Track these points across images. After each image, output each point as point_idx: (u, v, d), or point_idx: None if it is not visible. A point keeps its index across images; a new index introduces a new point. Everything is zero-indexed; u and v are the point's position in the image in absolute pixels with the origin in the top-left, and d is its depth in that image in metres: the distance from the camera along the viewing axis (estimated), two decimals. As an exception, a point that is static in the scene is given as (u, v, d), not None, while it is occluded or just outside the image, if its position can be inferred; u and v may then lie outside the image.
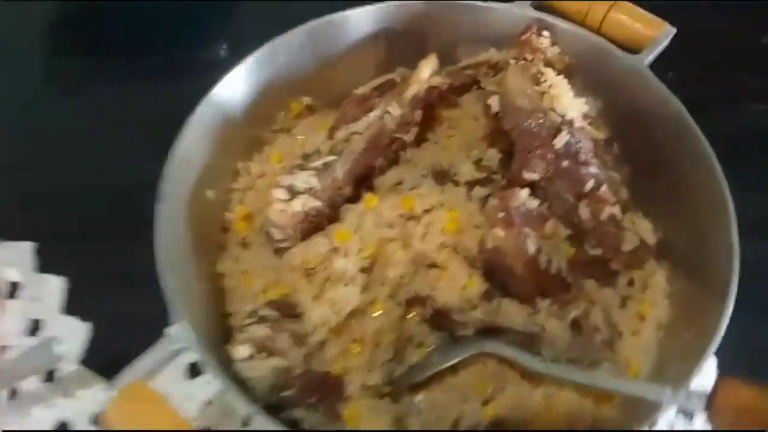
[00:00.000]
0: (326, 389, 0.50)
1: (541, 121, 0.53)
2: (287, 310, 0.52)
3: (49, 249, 0.67)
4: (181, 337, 0.45)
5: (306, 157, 0.58)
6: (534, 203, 0.53)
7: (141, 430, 0.39)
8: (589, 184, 0.53)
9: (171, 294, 0.46)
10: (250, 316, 0.50)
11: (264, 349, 0.48)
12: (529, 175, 0.53)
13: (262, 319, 0.50)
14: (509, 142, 0.57)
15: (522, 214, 0.52)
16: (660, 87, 0.58)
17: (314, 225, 0.55)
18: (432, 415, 0.54)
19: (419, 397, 0.55)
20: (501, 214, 0.51)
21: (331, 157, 0.56)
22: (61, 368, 0.60)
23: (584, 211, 0.53)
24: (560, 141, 0.52)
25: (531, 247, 0.51)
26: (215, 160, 0.59)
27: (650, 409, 0.45)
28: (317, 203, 0.54)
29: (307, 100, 0.67)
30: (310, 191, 0.54)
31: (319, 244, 0.54)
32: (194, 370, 0.59)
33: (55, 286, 0.64)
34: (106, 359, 0.60)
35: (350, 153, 0.57)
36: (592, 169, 0.53)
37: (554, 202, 0.54)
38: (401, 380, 0.54)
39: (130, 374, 0.43)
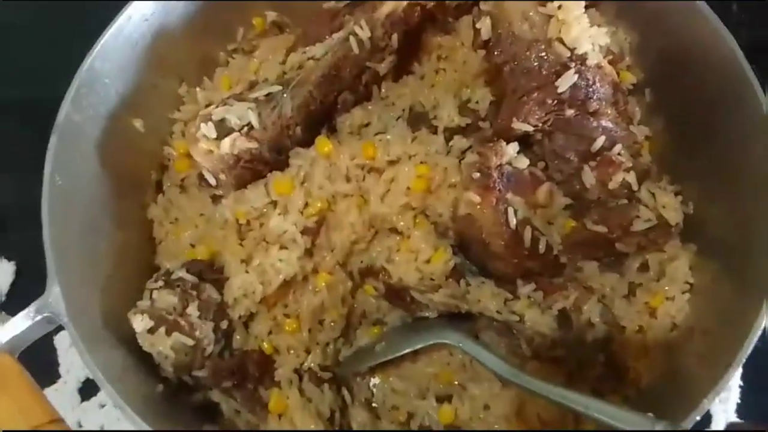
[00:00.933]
0: (245, 373, 0.41)
1: (543, 54, 0.40)
2: (209, 275, 0.43)
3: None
4: (53, 305, 0.36)
5: (253, 86, 0.47)
6: (523, 162, 0.41)
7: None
8: (599, 142, 0.40)
9: (52, 255, 0.38)
10: (159, 280, 0.42)
11: (164, 322, 0.39)
12: (521, 125, 0.41)
13: (173, 284, 0.41)
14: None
15: (507, 177, 0.40)
16: (716, 23, 0.43)
17: (252, 171, 0.45)
18: (386, 405, 0.46)
19: (374, 380, 0.46)
20: (476, 175, 0.40)
21: (278, 88, 0.44)
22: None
23: (589, 176, 0.41)
24: (565, 82, 0.40)
25: (513, 219, 0.40)
26: (147, 82, 0.49)
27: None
28: (253, 145, 0.43)
29: (272, 15, 0.55)
30: (244, 129, 0.43)
31: (255, 194, 0.44)
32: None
33: None
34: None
35: (302, 84, 0.45)
36: (605, 123, 0.41)
37: (552, 160, 0.42)
38: (347, 367, 0.45)
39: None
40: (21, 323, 0.35)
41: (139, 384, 0.39)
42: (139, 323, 0.39)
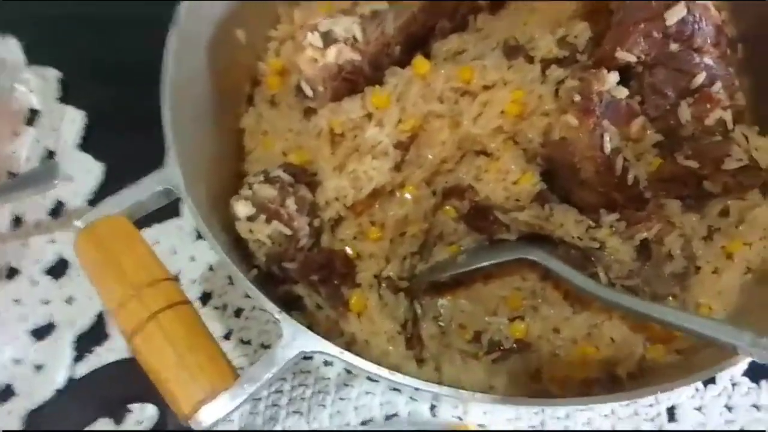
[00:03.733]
0: (332, 269, 0.43)
1: (655, -14, 0.41)
2: (303, 177, 0.45)
3: (74, 80, 0.62)
4: (171, 178, 0.38)
5: (356, 5, 0.48)
6: (623, 92, 0.42)
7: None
8: (699, 78, 0.41)
9: (171, 133, 0.40)
10: (259, 175, 0.44)
11: (266, 210, 0.41)
12: (624, 55, 0.42)
13: (272, 180, 0.43)
14: (607, 20, 0.45)
15: (605, 104, 0.41)
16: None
17: (349, 85, 0.47)
18: (453, 323, 0.47)
19: (442, 301, 0.48)
20: (577, 98, 0.41)
21: (384, 5, 0.46)
22: (69, 205, 0.56)
23: (686, 112, 0.42)
24: (674, 15, 0.40)
25: (608, 145, 0.41)
26: (249, -2, 0.51)
27: (717, 357, 0.36)
28: (356, 56, 0.45)
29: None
30: (349, 41, 0.45)
31: (352, 106, 0.46)
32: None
33: (74, 119, 0.60)
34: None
35: (407, 5, 0.46)
36: (708, 60, 0.41)
37: (649, 95, 0.43)
38: (422, 277, 0.46)
39: (109, 206, 0.37)
40: (141, 192, 0.38)
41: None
42: (242, 209, 0.41)
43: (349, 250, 0.45)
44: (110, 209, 0.37)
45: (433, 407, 0.48)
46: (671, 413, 0.47)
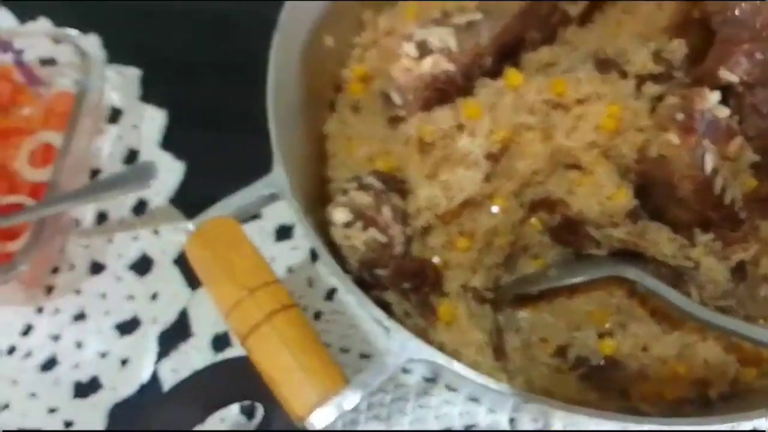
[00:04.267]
0: (423, 278, 0.43)
1: (758, 6, 0.41)
2: (393, 185, 0.45)
3: (154, 79, 0.63)
4: (278, 182, 0.39)
5: (446, 14, 0.49)
6: (724, 112, 0.41)
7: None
8: (804, 100, 0.41)
9: (275, 137, 0.41)
10: (353, 182, 0.44)
11: (363, 217, 0.42)
12: (727, 75, 0.41)
13: (366, 187, 0.43)
14: (702, 36, 0.45)
15: (707, 123, 0.41)
16: None
17: (440, 95, 0.47)
18: (533, 336, 0.48)
19: (522, 314, 0.48)
20: (680, 116, 0.40)
21: (478, 16, 0.46)
22: (151, 203, 0.57)
23: (788, 133, 0.41)
24: (780, 37, 0.40)
25: (709, 164, 0.40)
26: (339, 4, 0.51)
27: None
28: (451, 67, 0.45)
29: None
30: (444, 51, 0.45)
31: (443, 116, 0.46)
32: (281, 233, 0.55)
33: (155, 118, 0.61)
34: (194, 201, 0.57)
35: (501, 15, 0.47)
36: (814, 82, 0.41)
37: (748, 115, 0.42)
38: (508, 289, 0.47)
39: (219, 209, 0.38)
40: (249, 195, 0.39)
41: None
42: (340, 216, 0.42)
43: (436, 259, 0.45)
44: (219, 212, 0.38)
45: (512, 420, 0.48)
46: (753, 437, 0.47)
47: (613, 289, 0.46)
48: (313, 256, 0.54)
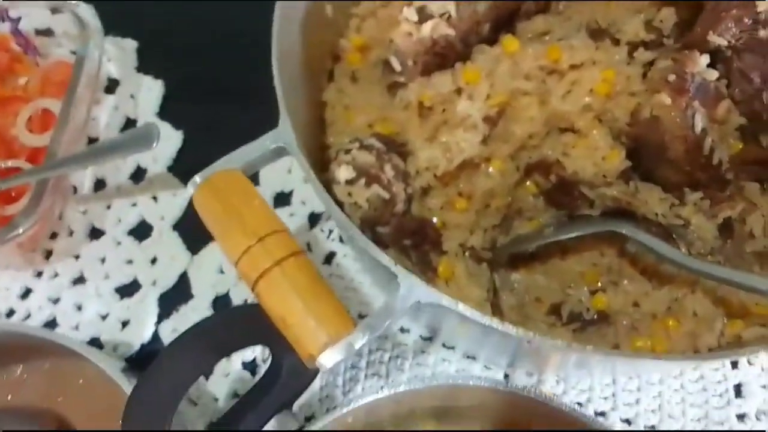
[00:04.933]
0: (423, 236, 0.45)
1: (746, -26, 0.42)
2: (394, 147, 0.47)
3: (151, 50, 0.63)
4: (284, 137, 0.40)
5: (443, -16, 0.50)
6: (713, 75, 0.43)
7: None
8: (789, 64, 0.42)
9: (281, 93, 0.41)
10: (355, 142, 0.45)
11: (366, 174, 0.43)
12: (716, 39, 0.43)
13: (367, 147, 0.44)
14: (690, 8, 0.47)
15: (696, 85, 0.42)
16: None
17: (439, 60, 0.48)
18: (528, 296, 0.49)
19: (516, 276, 0.50)
20: (672, 77, 0.42)
21: (478, -17, 0.47)
22: (149, 171, 0.58)
23: (772, 97, 0.43)
24: (765, 3, 0.42)
25: (699, 124, 0.42)
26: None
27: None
28: (450, 32, 0.46)
29: None
30: (444, 17, 0.46)
31: (442, 81, 0.47)
32: (279, 199, 0.56)
33: (152, 88, 0.61)
34: (192, 169, 0.58)
35: (497, -16, 0.48)
36: (797, 46, 0.43)
37: (736, 80, 0.44)
38: (504, 249, 0.48)
39: (226, 162, 0.39)
40: (255, 150, 0.39)
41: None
42: (343, 173, 0.43)
43: (435, 220, 0.46)
44: (226, 165, 0.39)
45: (506, 376, 0.49)
46: (738, 390, 0.49)
47: (604, 249, 0.48)
48: (311, 221, 0.55)
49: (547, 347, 0.36)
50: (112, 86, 0.62)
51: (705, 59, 0.43)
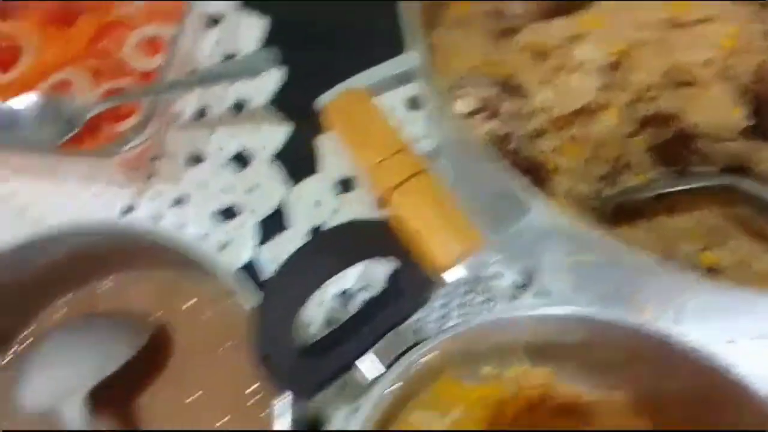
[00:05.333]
0: (535, 176, 0.44)
1: None
2: (508, 87, 0.46)
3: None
4: (412, 61, 0.40)
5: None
6: None
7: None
8: None
9: (409, 20, 0.41)
10: (470, 79, 0.45)
11: (487, 108, 0.43)
12: None
13: (485, 84, 0.44)
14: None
15: (832, 42, 0.41)
16: None
17: (557, 7, 0.48)
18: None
19: (618, 231, 0.49)
20: (808, 32, 0.41)
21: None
22: (250, 103, 0.59)
23: None
24: None
25: (834, 82, 0.41)
26: None
27: None
28: (573, -24, 0.46)
29: None
30: (570, -39, 0.46)
31: (559, 26, 0.47)
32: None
33: (254, 26, 0.62)
34: (293, 106, 0.59)
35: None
36: None
37: None
38: (610, 200, 0.47)
39: (352, 82, 0.39)
40: (384, 71, 0.40)
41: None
42: (465, 105, 0.43)
43: (547, 162, 0.46)
44: (352, 85, 0.39)
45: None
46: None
47: (714, 209, 0.47)
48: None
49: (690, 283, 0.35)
50: (215, 21, 0.63)
51: (843, 16, 0.42)
